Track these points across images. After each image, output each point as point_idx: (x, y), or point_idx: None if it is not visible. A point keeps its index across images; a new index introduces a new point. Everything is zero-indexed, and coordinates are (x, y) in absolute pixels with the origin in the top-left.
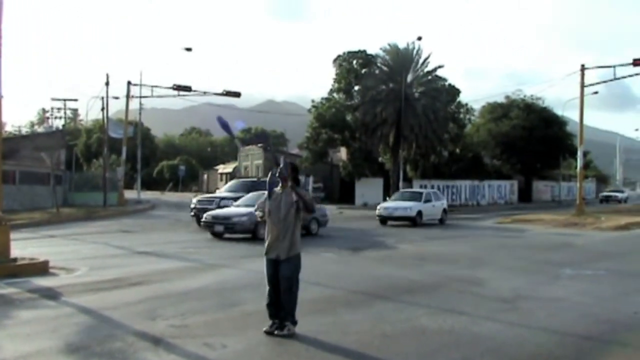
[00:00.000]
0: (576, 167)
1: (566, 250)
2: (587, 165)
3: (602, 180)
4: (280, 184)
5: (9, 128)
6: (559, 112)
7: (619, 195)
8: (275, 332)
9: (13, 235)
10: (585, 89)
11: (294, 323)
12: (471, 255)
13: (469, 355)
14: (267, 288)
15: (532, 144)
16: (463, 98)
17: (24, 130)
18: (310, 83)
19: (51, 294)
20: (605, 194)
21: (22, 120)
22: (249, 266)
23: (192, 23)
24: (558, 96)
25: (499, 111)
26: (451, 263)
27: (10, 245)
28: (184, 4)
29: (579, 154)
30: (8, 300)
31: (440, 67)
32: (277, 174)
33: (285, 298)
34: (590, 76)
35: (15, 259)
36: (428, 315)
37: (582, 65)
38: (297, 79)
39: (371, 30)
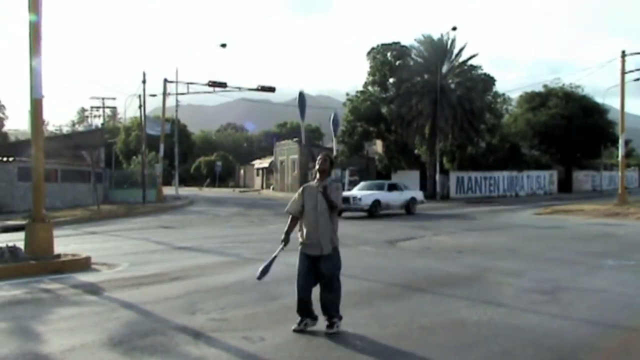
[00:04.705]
0: (618, 156)
1: (608, 241)
2: (629, 154)
3: None
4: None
5: (50, 127)
6: (598, 100)
7: (361, 198)
8: (327, 331)
9: (56, 232)
10: (626, 75)
11: (340, 318)
12: (510, 247)
13: (508, 348)
14: (298, 285)
15: (572, 133)
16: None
17: (65, 130)
18: (343, 76)
19: (93, 289)
20: (345, 194)
21: (59, 119)
22: (288, 260)
23: (221, 21)
24: (595, 84)
25: (536, 100)
26: (489, 254)
27: (54, 242)
28: (211, 3)
29: (620, 142)
30: (53, 295)
31: (474, 56)
32: (317, 167)
33: (328, 294)
34: (629, 64)
35: (58, 256)
36: (466, 308)
37: (623, 52)
38: (330, 73)
39: (396, 20)
